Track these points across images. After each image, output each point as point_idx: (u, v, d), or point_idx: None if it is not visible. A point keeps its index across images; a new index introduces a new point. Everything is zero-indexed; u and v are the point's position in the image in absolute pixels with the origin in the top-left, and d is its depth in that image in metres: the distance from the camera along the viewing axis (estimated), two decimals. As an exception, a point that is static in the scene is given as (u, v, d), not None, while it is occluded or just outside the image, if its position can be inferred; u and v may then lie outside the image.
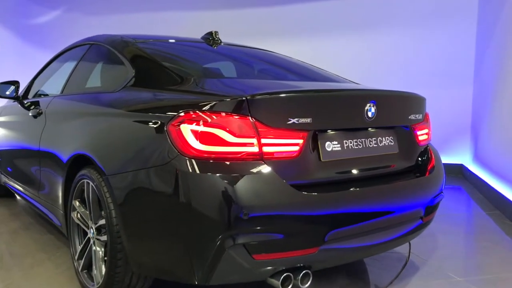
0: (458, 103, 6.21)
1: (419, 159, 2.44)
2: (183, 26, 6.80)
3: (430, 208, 2.36)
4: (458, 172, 6.25)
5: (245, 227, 1.72)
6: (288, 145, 1.85)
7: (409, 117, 2.33)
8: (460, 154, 6.27)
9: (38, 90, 3.59)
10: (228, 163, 1.76)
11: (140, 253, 1.98)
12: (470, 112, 6.19)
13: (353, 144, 2.10)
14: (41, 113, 3.04)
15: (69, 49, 3.31)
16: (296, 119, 1.85)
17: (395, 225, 2.18)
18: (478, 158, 5.66)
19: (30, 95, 3.63)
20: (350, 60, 6.52)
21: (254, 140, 1.78)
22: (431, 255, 3.06)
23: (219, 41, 3.01)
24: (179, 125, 1.80)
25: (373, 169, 2.19)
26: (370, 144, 2.18)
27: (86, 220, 2.37)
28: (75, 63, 3.06)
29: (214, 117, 1.77)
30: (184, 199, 1.75)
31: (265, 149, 1.80)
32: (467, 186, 5.62)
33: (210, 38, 3.02)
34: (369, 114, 2.09)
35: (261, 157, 1.80)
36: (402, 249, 3.06)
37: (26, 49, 7.47)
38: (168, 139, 1.81)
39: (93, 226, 2.29)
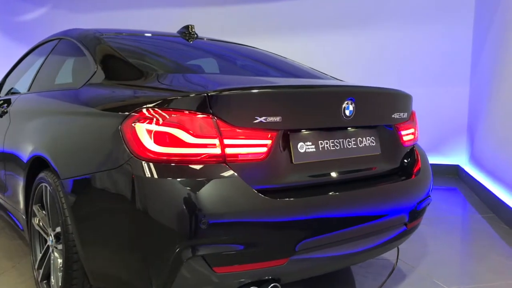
0: (454, 102, 6.05)
1: (404, 161, 2.27)
2: (172, 22, 6.59)
3: (415, 214, 2.20)
4: (454, 173, 6.09)
5: (204, 237, 1.56)
6: (254, 146, 1.69)
7: (393, 116, 2.17)
8: (456, 154, 6.11)
9: (11, 88, 3.43)
10: (186, 166, 1.59)
11: (97, 264, 1.82)
12: (466, 112, 6.03)
13: (329, 145, 1.94)
14: (6, 112, 2.88)
15: (40, 44, 3.15)
16: (263, 117, 1.68)
17: (376, 232, 2.01)
18: (474, 158, 5.49)
19: (2, 93, 3.47)
20: (343, 58, 6.36)
21: (216, 141, 1.62)
22: (420, 262, 2.90)
23: (195, 35, 2.85)
24: (133, 124, 1.63)
25: (352, 171, 2.02)
26: (349, 145, 2.02)
27: (46, 226, 2.21)
28: (43, 59, 2.90)
29: (170, 115, 1.60)
30: (138, 206, 1.58)
31: (228, 150, 1.64)
32: (462, 187, 5.46)
33: (186, 32, 2.85)
34: (347, 112, 1.93)
35: (223, 160, 1.63)
36: (390, 255, 2.90)
37: (10, 46, 7.30)
38: (123, 140, 1.64)
39: (52, 233, 2.12)
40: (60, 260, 2.08)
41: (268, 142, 1.71)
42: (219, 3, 6.82)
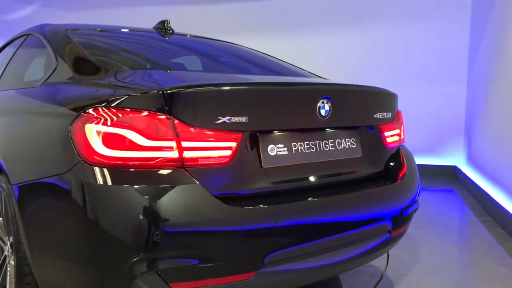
0: (451, 102, 5.90)
1: (388, 164, 2.12)
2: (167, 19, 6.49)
3: (400, 220, 2.04)
4: (451, 174, 5.92)
5: (158, 250, 1.41)
6: (217, 149, 1.53)
7: (375, 116, 2.01)
8: (453, 155, 5.95)
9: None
10: (139, 171, 1.44)
11: (47, 275, 1.67)
12: (463, 111, 5.87)
13: (304, 147, 1.79)
14: None
15: (11, 41, 3.00)
16: (227, 117, 1.53)
17: (356, 241, 1.85)
18: (471, 159, 5.33)
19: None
20: (338, 57, 6.22)
21: (173, 143, 1.47)
22: (410, 269, 2.74)
23: (171, 31, 2.69)
24: (83, 125, 1.48)
25: (330, 176, 1.87)
26: (326, 147, 1.86)
27: (2, 235, 2.06)
28: (11, 56, 2.75)
29: (122, 115, 1.45)
30: (88, 214, 1.43)
31: (187, 154, 1.49)
32: (460, 189, 5.29)
33: (162, 28, 2.70)
34: (322, 112, 1.77)
35: (181, 164, 1.48)
36: (380, 262, 2.74)
37: None
38: (72, 143, 1.49)
39: (7, 243, 1.97)
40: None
41: (233, 144, 1.56)
42: (211, 1, 6.67)
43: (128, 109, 1.46)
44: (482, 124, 4.88)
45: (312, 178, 1.80)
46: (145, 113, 1.45)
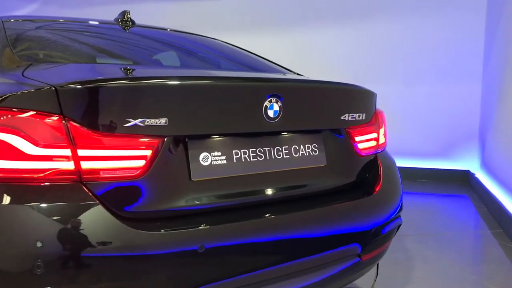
0: (464, 101, 5.49)
1: (362, 174, 1.80)
2: (164, 17, 6.29)
3: (373, 242, 1.72)
4: (464, 179, 5.50)
5: (41, 284, 1.14)
6: (125, 159, 1.25)
7: (342, 118, 1.70)
8: (466, 159, 5.53)
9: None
10: (25, 186, 1.17)
11: None
12: (478, 111, 5.45)
13: (248, 156, 1.49)
14: None
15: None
16: (139, 120, 1.25)
17: (312, 269, 1.54)
18: (485, 164, 4.91)
19: None
20: (343, 54, 5.86)
21: (67, 152, 1.20)
22: (400, 293, 2.41)
23: (130, 22, 2.43)
24: None
25: (282, 189, 1.57)
26: (279, 155, 1.56)
27: None
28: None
29: (5, 116, 1.19)
30: None
31: (86, 165, 1.21)
32: (473, 195, 4.88)
33: (121, 19, 2.45)
34: (270, 113, 1.47)
35: (78, 178, 1.21)
36: (365, 282, 2.41)
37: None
38: None
39: None
40: None
41: (147, 153, 1.28)
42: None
43: (15, 109, 1.20)
44: (497, 125, 4.47)
45: (258, 193, 1.51)
46: (33, 113, 1.18)
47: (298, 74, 2.32)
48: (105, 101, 1.23)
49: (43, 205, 1.16)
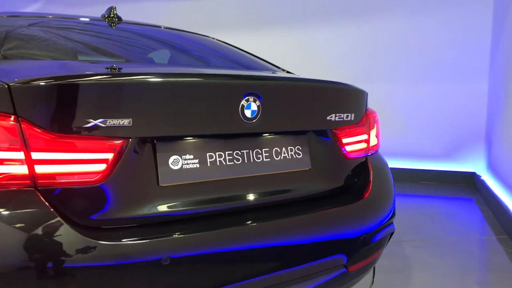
0: (470, 101, 5.33)
1: (350, 178, 1.70)
2: (168, 15, 6.23)
3: (362, 251, 1.61)
4: (470, 181, 5.35)
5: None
6: (84, 163, 1.16)
7: (328, 118, 1.59)
8: (472, 160, 5.37)
9: None
10: None
11: None
12: (485, 111, 5.29)
13: (224, 159, 1.39)
14: None
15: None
16: (100, 120, 1.16)
17: (294, 281, 1.44)
18: (492, 166, 4.76)
19: None
20: (344, 53, 5.73)
21: (21, 155, 1.11)
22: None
23: (116, 18, 2.34)
24: None
25: (262, 195, 1.47)
26: (258, 158, 1.46)
27: None
28: None
29: None
30: None
31: (40, 169, 1.13)
32: (479, 199, 4.73)
33: (107, 15, 2.36)
34: (247, 113, 1.38)
35: (32, 183, 1.12)
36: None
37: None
38: None
39: None
40: None
41: (108, 156, 1.18)
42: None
43: None
44: (504, 126, 4.32)
45: (235, 199, 1.41)
46: None
47: (288, 72, 2.21)
48: (63, 100, 1.14)
49: (-7, 212, 1.07)
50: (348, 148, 1.66)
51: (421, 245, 3.19)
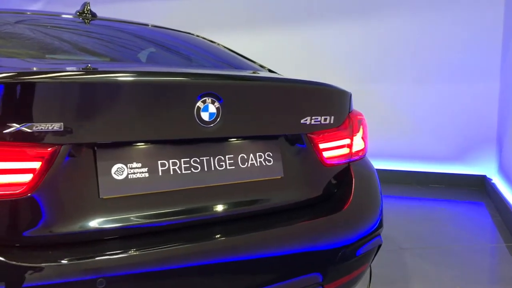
0: (481, 101, 5.13)
1: (329, 187, 1.53)
2: (169, 15, 6.12)
3: (341, 267, 1.45)
4: (480, 184, 5.13)
5: None
6: (5, 173, 1.02)
7: (303, 122, 1.43)
8: (483, 163, 5.16)
9: None
10: None
11: None
12: (495, 112, 5.07)
13: (179, 167, 1.24)
14: None
15: None
16: (25, 124, 1.01)
17: None
18: (503, 169, 4.54)
19: None
20: (351, 52, 5.55)
21: None
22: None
23: (90, 15, 2.21)
24: None
25: (227, 206, 1.31)
26: (221, 166, 1.31)
27: None
28: None
29: None
30: None
31: (-48, 180, 0.98)
32: (489, 203, 4.51)
33: (80, 12, 2.24)
34: (204, 116, 1.22)
35: None
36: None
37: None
38: None
39: None
40: None
41: (35, 165, 1.04)
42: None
43: None
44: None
45: (192, 212, 1.26)
46: None
47: (271, 72, 2.05)
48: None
49: None
50: (326, 154, 1.50)
51: (422, 253, 3.00)
